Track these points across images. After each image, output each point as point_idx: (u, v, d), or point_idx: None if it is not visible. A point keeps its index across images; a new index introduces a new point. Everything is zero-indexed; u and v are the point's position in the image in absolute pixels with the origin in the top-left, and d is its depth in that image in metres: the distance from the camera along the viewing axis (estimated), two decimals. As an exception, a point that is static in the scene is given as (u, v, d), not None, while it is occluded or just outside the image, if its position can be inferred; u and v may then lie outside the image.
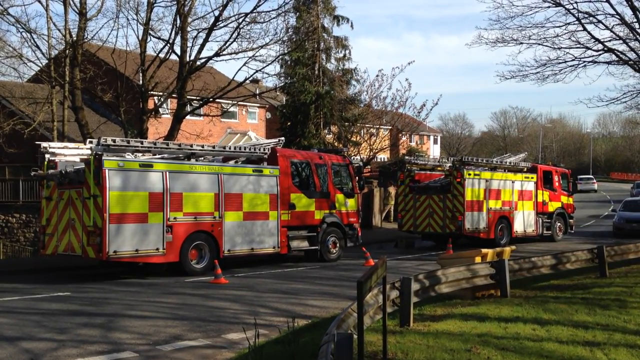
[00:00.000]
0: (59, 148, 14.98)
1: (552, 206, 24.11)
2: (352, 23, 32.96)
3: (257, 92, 27.36)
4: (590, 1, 19.46)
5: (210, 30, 20.47)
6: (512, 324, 8.91)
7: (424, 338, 7.93)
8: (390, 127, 37.15)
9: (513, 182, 22.33)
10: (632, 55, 20.12)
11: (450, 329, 8.55)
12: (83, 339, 8.47)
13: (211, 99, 21.63)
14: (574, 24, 19.55)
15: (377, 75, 31.58)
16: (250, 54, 20.85)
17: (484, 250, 12.44)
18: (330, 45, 32.73)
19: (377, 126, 34.62)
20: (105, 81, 21.54)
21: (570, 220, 25.07)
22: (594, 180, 61.60)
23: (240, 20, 20.40)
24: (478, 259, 11.83)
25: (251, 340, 7.27)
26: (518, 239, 22.05)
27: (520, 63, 31.36)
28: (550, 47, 20.14)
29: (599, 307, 10.20)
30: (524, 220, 22.59)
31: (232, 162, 16.40)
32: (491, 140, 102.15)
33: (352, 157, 25.15)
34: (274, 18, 20.94)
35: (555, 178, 24.58)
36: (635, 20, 19.30)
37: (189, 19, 20.76)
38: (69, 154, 14.87)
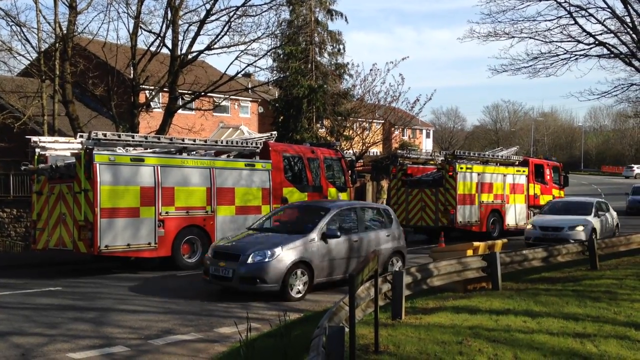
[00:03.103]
0: (49, 142, 14.89)
1: (544, 199, 24.25)
2: (346, 18, 33.00)
3: (250, 86, 27.29)
4: (581, -6, 19.55)
5: (201, 23, 20.38)
6: (504, 316, 8.95)
7: (415, 331, 7.96)
8: (383, 121, 37.17)
9: (505, 175, 22.42)
10: (623, 49, 20.23)
11: (442, 321, 8.59)
12: (74, 334, 8.45)
13: (203, 93, 21.54)
14: (565, 17, 19.66)
15: (370, 70, 31.60)
16: (242, 47, 20.82)
17: (476, 244, 12.50)
18: (324, 39, 32.68)
19: (370, 120, 34.64)
20: (96, 75, 21.42)
21: (562, 214, 25.19)
22: (634, 168, 70.81)
23: (232, 13, 20.33)
24: (470, 252, 11.89)
25: (243, 334, 7.27)
26: (510, 232, 22.15)
27: (512, 57, 31.54)
28: (542, 40, 20.26)
29: (589, 299, 10.27)
30: (515, 214, 22.70)
31: (224, 157, 16.35)
32: (483, 134, 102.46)
33: (344, 151, 25.15)
34: (265, 11, 20.90)
35: (547, 171, 24.73)
36: (626, 13, 19.39)
37: (180, 12, 20.65)
38: (59, 148, 14.79)
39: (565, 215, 18.68)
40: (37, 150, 14.42)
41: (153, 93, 22.13)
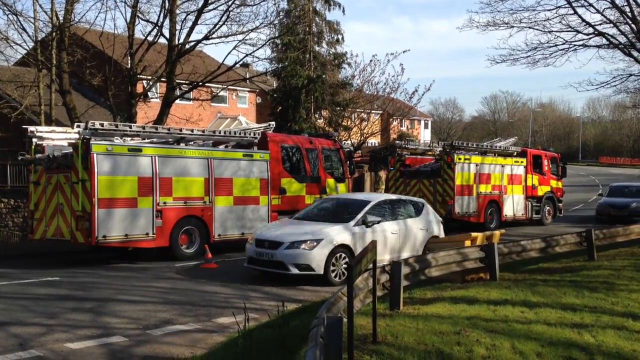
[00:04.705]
0: (46, 132, 14.83)
1: (542, 190, 24.25)
2: (343, 8, 32.91)
3: (248, 76, 27.15)
4: (581, -16, 19.45)
5: (199, 12, 20.23)
6: (501, 306, 8.96)
7: (413, 321, 7.96)
8: (381, 112, 37.12)
9: (503, 166, 22.41)
10: (622, 39, 20.17)
11: (439, 312, 8.60)
12: (72, 324, 8.45)
13: (201, 83, 21.44)
14: (564, 7, 19.59)
15: (370, 61, 31.55)
16: (240, 37, 20.68)
17: (474, 234, 12.51)
18: (322, 29, 32.55)
19: (369, 111, 34.58)
20: (94, 65, 21.28)
21: (559, 204, 25.25)
22: None
23: (230, 2, 20.19)
24: (468, 243, 11.91)
25: (241, 325, 7.27)
26: (507, 223, 22.18)
27: (511, 47, 31.53)
28: (541, 30, 20.20)
29: (587, 289, 10.29)
30: (513, 204, 22.72)
31: (222, 147, 16.31)
32: (481, 124, 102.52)
33: (342, 142, 25.09)
34: (263, 1, 20.77)
35: (545, 162, 24.69)
36: (625, 3, 19.33)
37: (178, 1, 20.48)
38: (56, 138, 14.73)
39: (305, 225, 12.05)
40: (34, 140, 14.36)
41: (150, 83, 22.01)
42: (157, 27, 20.45)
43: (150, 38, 20.79)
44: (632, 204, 23.64)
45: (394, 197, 14.22)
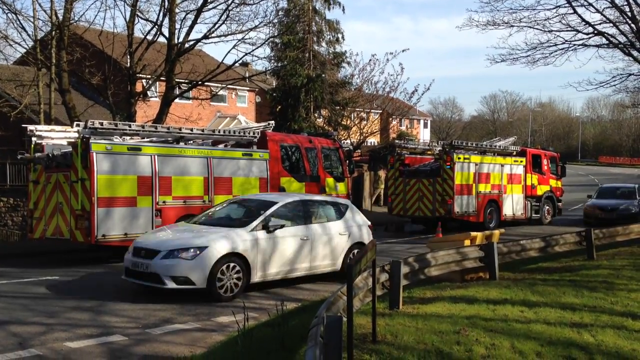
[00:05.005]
0: (46, 131, 14.81)
1: (541, 189, 24.27)
2: (343, 7, 32.90)
3: (247, 75, 27.14)
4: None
5: (198, 11, 20.22)
6: (501, 306, 8.97)
7: (413, 320, 7.96)
8: (380, 111, 37.14)
9: (502, 165, 22.43)
10: (622, 39, 20.20)
11: (439, 311, 8.60)
12: (72, 323, 8.44)
13: (200, 82, 21.43)
14: (564, 6, 19.62)
15: (369, 60, 31.57)
16: (239, 36, 20.68)
17: (473, 234, 12.52)
18: (322, 28, 32.54)
19: (368, 110, 34.58)
20: (93, 64, 21.27)
21: (559, 204, 25.29)
22: None
23: (229, 1, 20.18)
24: (467, 243, 11.91)
25: (241, 324, 7.27)
26: (507, 223, 22.19)
27: (510, 46, 31.56)
28: (541, 30, 20.25)
29: (586, 289, 10.30)
30: (512, 204, 22.73)
31: (221, 146, 16.31)
32: (481, 124, 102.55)
33: (342, 141, 25.10)
34: (263, 0, 20.74)
35: (544, 162, 24.72)
36: (625, 3, 19.36)
37: (178, 0, 20.48)
38: (56, 137, 14.71)
39: (194, 230, 10.65)
40: (34, 139, 14.34)
41: (150, 82, 22.00)
42: (156, 26, 20.46)
43: (149, 37, 20.79)
44: (620, 206, 23.09)
45: (310, 197, 12.46)
